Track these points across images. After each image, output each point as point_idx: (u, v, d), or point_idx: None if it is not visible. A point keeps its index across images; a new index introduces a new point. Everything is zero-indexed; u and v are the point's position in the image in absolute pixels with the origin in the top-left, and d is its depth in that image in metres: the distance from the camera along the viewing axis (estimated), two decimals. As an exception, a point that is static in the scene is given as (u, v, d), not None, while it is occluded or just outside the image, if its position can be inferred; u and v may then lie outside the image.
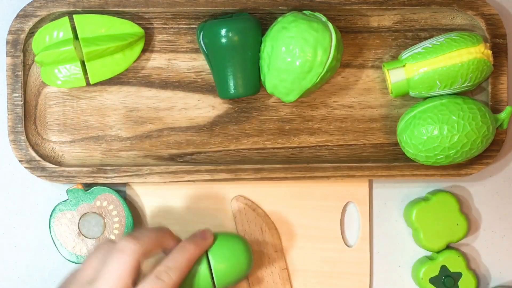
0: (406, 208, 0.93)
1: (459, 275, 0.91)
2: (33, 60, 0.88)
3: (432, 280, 0.91)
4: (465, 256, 0.93)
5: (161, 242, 0.80)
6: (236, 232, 0.91)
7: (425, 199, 0.92)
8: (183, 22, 0.90)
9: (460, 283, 0.91)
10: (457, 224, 0.91)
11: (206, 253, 0.83)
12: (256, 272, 0.91)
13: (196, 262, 0.82)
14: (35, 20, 0.87)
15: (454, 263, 0.91)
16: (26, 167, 0.88)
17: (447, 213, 0.91)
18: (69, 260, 0.89)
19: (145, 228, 0.82)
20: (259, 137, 0.91)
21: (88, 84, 0.88)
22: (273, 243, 0.91)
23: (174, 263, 0.79)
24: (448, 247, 0.92)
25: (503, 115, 0.88)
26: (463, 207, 0.94)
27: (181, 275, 0.79)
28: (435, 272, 0.91)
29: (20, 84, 0.88)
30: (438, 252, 0.92)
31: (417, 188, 0.94)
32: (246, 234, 0.91)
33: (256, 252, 0.90)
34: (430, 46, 0.87)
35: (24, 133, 0.88)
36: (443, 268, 0.91)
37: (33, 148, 0.88)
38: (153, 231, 0.80)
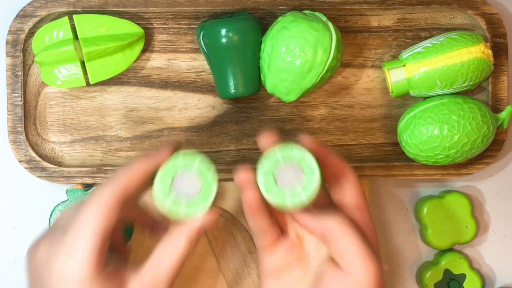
0: (418, 203, 0.92)
1: (463, 276, 0.91)
2: (33, 60, 0.88)
3: (437, 285, 0.90)
4: (466, 257, 0.93)
5: (145, 170, 0.71)
6: (207, 240, 0.90)
7: (439, 196, 0.92)
8: (183, 22, 0.90)
9: (465, 284, 0.91)
10: (466, 227, 0.91)
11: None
12: (235, 276, 0.90)
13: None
14: (34, 20, 0.87)
15: (457, 265, 0.91)
16: (26, 168, 0.88)
17: (458, 213, 0.91)
18: (68, 260, 0.89)
19: (128, 163, 0.71)
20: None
21: (88, 84, 0.88)
22: (245, 245, 0.90)
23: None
24: (449, 249, 0.92)
25: (503, 114, 0.87)
26: (475, 210, 0.93)
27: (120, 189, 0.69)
28: (439, 276, 0.91)
29: (20, 84, 0.88)
30: (440, 252, 0.91)
31: (417, 188, 0.93)
32: (218, 241, 0.90)
33: (229, 256, 0.90)
34: (430, 45, 0.87)
35: (24, 134, 0.88)
36: (446, 271, 0.91)
37: (33, 148, 0.88)
38: (132, 163, 0.71)
